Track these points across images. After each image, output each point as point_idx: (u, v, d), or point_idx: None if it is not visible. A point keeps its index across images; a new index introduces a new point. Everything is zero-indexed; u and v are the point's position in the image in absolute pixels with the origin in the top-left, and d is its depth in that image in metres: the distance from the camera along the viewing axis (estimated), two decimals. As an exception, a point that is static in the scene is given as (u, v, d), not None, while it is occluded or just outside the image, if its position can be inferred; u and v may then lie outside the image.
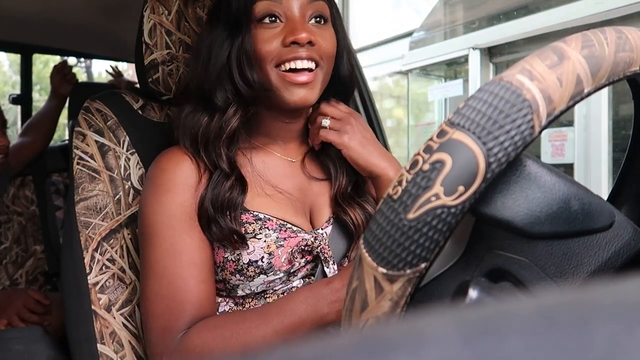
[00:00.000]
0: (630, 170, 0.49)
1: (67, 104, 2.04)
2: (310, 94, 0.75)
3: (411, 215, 0.30)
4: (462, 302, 0.33)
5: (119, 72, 2.46)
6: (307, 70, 0.74)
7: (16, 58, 2.43)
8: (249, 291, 0.76)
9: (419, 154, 0.31)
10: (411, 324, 0.14)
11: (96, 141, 0.87)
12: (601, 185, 2.91)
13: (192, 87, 0.80)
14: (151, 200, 0.75)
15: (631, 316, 0.13)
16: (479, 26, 3.94)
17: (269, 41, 0.74)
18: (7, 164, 1.58)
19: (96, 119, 0.88)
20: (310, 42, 0.73)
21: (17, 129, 2.36)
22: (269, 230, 0.75)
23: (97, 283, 0.82)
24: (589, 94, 0.32)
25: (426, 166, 0.30)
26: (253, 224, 0.75)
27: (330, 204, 0.83)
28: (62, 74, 1.94)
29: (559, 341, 0.13)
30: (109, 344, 0.81)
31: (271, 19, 0.75)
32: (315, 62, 0.75)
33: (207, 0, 0.92)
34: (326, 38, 0.76)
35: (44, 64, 6.86)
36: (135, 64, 0.92)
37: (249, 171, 0.79)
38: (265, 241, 0.74)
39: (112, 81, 2.45)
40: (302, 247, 0.77)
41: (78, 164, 0.86)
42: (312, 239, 0.77)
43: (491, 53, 3.75)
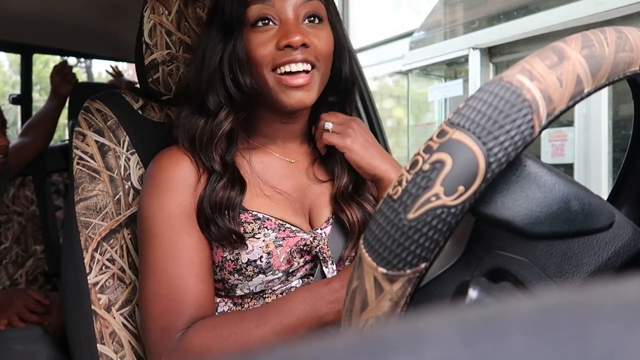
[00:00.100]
0: (630, 170, 0.49)
1: (67, 104, 2.04)
2: (307, 96, 0.74)
3: (411, 215, 0.30)
4: (462, 302, 0.33)
5: (119, 72, 2.46)
6: (304, 72, 0.73)
7: (16, 58, 2.43)
8: (247, 291, 0.76)
9: (419, 154, 0.31)
10: (411, 324, 0.14)
11: (96, 141, 0.87)
12: (601, 185, 2.91)
13: (191, 89, 0.80)
14: (150, 199, 0.75)
15: (631, 316, 0.13)
16: (479, 26, 3.94)
17: (263, 45, 0.74)
18: (7, 164, 1.58)
19: (96, 119, 0.88)
20: (305, 44, 0.72)
21: (17, 129, 2.36)
22: (267, 229, 0.75)
23: (97, 283, 0.82)
24: (589, 94, 0.32)
25: (426, 166, 0.30)
26: (252, 223, 0.75)
27: (329, 204, 0.83)
28: (62, 74, 1.94)
29: (559, 341, 0.13)
30: (108, 344, 0.81)
31: (264, 22, 0.74)
32: (311, 64, 0.74)
33: (207, 0, 0.92)
34: (322, 38, 0.76)
35: (44, 64, 6.86)
36: (135, 64, 0.92)
37: (247, 171, 0.79)
38: (264, 241, 0.74)
39: (112, 81, 2.45)
40: (301, 247, 0.77)
41: (78, 164, 0.86)
42: (311, 239, 0.77)
43: (491, 53, 3.75)
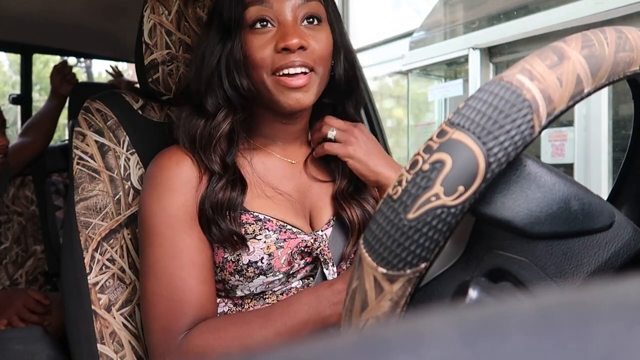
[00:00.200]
0: (630, 170, 0.48)
1: (67, 104, 2.04)
2: (306, 97, 0.74)
3: (411, 215, 0.30)
4: (462, 302, 0.33)
5: (119, 72, 2.46)
6: (302, 73, 0.73)
7: (16, 58, 2.43)
8: (248, 292, 0.76)
9: (419, 154, 0.31)
10: (411, 324, 0.14)
11: (96, 141, 0.87)
12: (601, 185, 2.90)
13: (191, 89, 0.80)
14: (151, 199, 0.75)
15: (631, 316, 0.13)
16: (479, 26, 3.94)
17: (261, 48, 0.73)
18: (7, 164, 1.58)
19: (96, 119, 0.88)
20: (302, 47, 0.72)
21: (17, 129, 2.36)
22: (269, 231, 0.75)
23: (97, 283, 0.82)
24: (589, 94, 0.32)
25: (426, 166, 0.30)
26: (253, 224, 0.75)
27: (330, 205, 0.83)
28: (62, 74, 1.94)
29: (559, 341, 0.13)
30: (109, 344, 0.81)
31: (262, 23, 0.74)
32: (309, 68, 0.73)
33: (207, 0, 0.92)
34: (320, 40, 0.75)
35: (44, 64, 6.86)
36: (135, 64, 0.92)
37: (248, 172, 0.79)
38: (265, 242, 0.74)
39: (112, 81, 2.45)
40: (302, 249, 0.76)
41: (78, 164, 0.86)
42: (311, 241, 0.77)
43: (491, 53, 3.75)
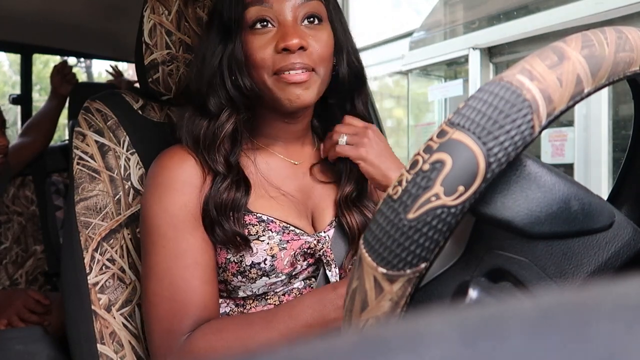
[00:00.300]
0: (630, 170, 0.48)
1: (67, 104, 2.04)
2: (306, 93, 0.73)
3: (411, 215, 0.30)
4: (462, 302, 0.33)
5: (119, 71, 2.45)
6: (304, 70, 0.72)
7: (16, 58, 2.43)
8: (250, 293, 0.76)
9: (419, 154, 0.31)
10: (411, 324, 0.14)
11: (96, 141, 0.87)
12: (601, 185, 2.90)
13: (192, 90, 0.80)
14: (153, 199, 0.74)
15: (631, 316, 0.13)
16: (479, 26, 3.94)
17: (262, 48, 0.73)
18: (7, 164, 1.58)
19: (96, 119, 0.88)
20: (302, 47, 0.71)
21: (17, 129, 2.36)
22: (272, 232, 0.74)
23: (97, 283, 0.82)
24: (589, 94, 0.32)
25: (426, 166, 0.30)
26: (256, 225, 0.75)
27: (333, 207, 0.83)
28: (62, 74, 1.94)
29: (559, 341, 0.13)
30: (109, 344, 0.81)
31: (263, 24, 0.73)
32: (310, 69, 0.73)
33: (207, 0, 0.92)
34: (321, 39, 0.74)
35: (44, 64, 6.86)
36: (135, 64, 0.92)
37: (252, 172, 0.79)
38: (268, 243, 0.74)
39: (112, 81, 2.44)
40: (305, 250, 0.76)
41: (78, 164, 0.86)
42: (314, 242, 0.77)
43: (491, 53, 3.75)
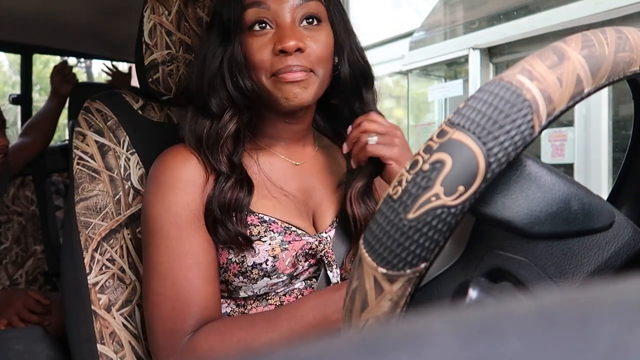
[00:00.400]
0: (630, 170, 0.49)
1: (67, 104, 2.04)
2: (304, 92, 0.73)
3: (411, 215, 0.30)
4: (462, 302, 0.33)
5: (115, 67, 2.37)
6: (302, 71, 0.72)
7: (16, 58, 2.42)
8: (251, 293, 0.76)
9: (419, 154, 0.31)
10: (411, 324, 0.14)
11: (96, 141, 0.87)
12: (601, 185, 2.91)
13: (193, 91, 0.79)
14: (155, 199, 0.74)
15: (631, 316, 0.13)
16: (479, 26, 3.94)
17: (260, 50, 0.72)
18: (7, 164, 1.58)
19: (96, 119, 0.88)
20: (300, 49, 0.71)
21: (17, 129, 2.36)
22: (274, 233, 0.74)
23: (97, 283, 0.82)
24: (589, 94, 0.32)
25: (426, 166, 0.30)
26: (258, 226, 0.74)
27: (334, 207, 0.82)
28: (62, 74, 1.93)
29: (559, 341, 0.13)
30: (108, 344, 0.81)
31: (261, 25, 0.73)
32: (308, 70, 0.73)
33: (207, 0, 0.92)
34: (319, 40, 0.74)
35: (44, 64, 6.86)
36: (135, 64, 0.92)
37: (255, 172, 0.79)
38: (270, 244, 0.74)
39: (110, 81, 2.37)
40: (306, 251, 0.76)
41: (78, 164, 0.86)
42: (316, 243, 0.77)
43: (491, 53, 3.75)
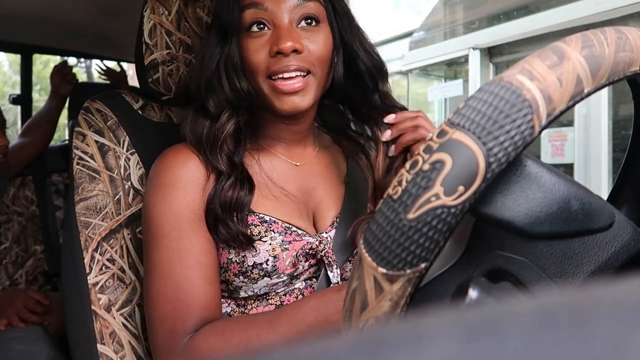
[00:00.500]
0: (630, 170, 0.49)
1: (67, 104, 2.04)
2: (302, 100, 0.72)
3: (411, 215, 0.30)
4: (462, 302, 0.33)
5: (108, 67, 2.31)
6: (298, 76, 0.71)
7: (16, 58, 2.42)
8: (251, 293, 0.76)
9: (419, 154, 0.31)
10: (411, 324, 0.14)
11: (96, 141, 0.87)
12: (601, 185, 2.91)
13: (193, 91, 0.79)
14: (156, 198, 0.74)
15: (631, 316, 0.13)
16: (479, 26, 3.94)
17: (257, 52, 0.72)
18: (7, 164, 1.58)
19: (96, 119, 0.88)
20: (297, 50, 0.70)
21: (17, 129, 2.36)
22: (274, 233, 0.74)
23: (97, 283, 0.82)
24: (589, 94, 0.32)
25: (426, 166, 0.30)
26: (259, 226, 0.74)
27: (334, 207, 0.82)
28: (62, 74, 1.93)
29: (559, 341, 0.13)
30: (108, 344, 0.81)
31: (259, 26, 0.72)
32: (305, 71, 0.72)
33: (207, 0, 0.92)
34: (317, 41, 0.73)
35: (44, 64, 6.86)
36: (135, 64, 0.92)
37: (256, 172, 0.78)
38: (270, 244, 0.74)
39: (108, 79, 2.32)
40: (307, 251, 0.76)
41: (78, 164, 0.86)
42: (316, 243, 0.77)
43: (491, 53, 3.75)
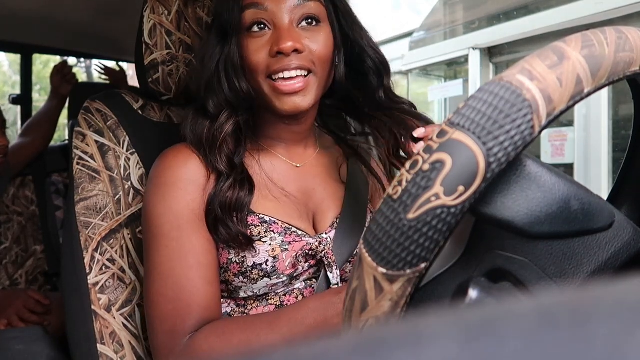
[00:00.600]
0: (630, 170, 0.49)
1: (67, 104, 2.04)
2: (303, 100, 0.72)
3: (411, 215, 0.30)
4: (462, 302, 0.33)
5: (107, 67, 2.31)
6: (299, 76, 0.71)
7: (16, 58, 2.42)
8: (251, 293, 0.76)
9: (419, 154, 0.31)
10: (411, 324, 0.14)
11: (96, 141, 0.87)
12: (601, 185, 2.91)
13: (193, 91, 0.79)
14: (156, 198, 0.74)
15: (631, 316, 0.13)
16: (479, 26, 3.94)
17: (257, 52, 0.72)
18: (7, 164, 1.58)
19: (96, 119, 0.88)
20: (297, 50, 0.70)
21: (17, 129, 2.36)
22: (274, 233, 0.74)
23: (97, 283, 0.82)
24: (589, 94, 0.32)
25: (426, 166, 0.30)
26: (259, 226, 0.74)
27: (334, 208, 0.82)
28: (62, 74, 1.93)
29: (559, 341, 0.13)
30: (109, 344, 0.81)
31: (260, 26, 0.73)
32: (306, 70, 0.72)
33: (207, 0, 0.92)
34: (318, 41, 0.73)
35: (44, 64, 6.86)
36: (135, 64, 0.92)
37: (257, 172, 0.78)
38: (270, 244, 0.74)
39: (108, 79, 2.33)
40: (307, 252, 0.76)
41: (78, 164, 0.86)
42: (316, 244, 0.76)
43: (491, 53, 3.75)
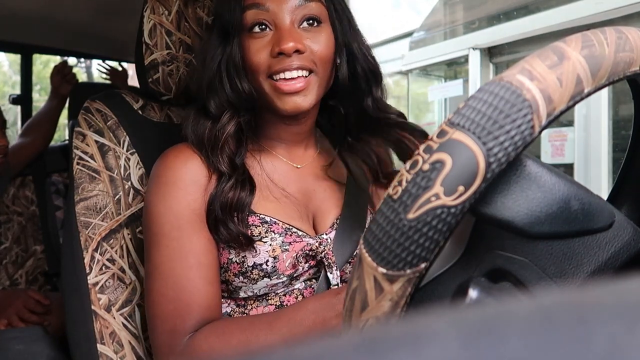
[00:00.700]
0: (630, 170, 0.49)
1: (67, 104, 2.04)
2: (304, 100, 0.73)
3: (411, 215, 0.30)
4: (462, 302, 0.33)
5: (111, 67, 2.33)
6: (300, 76, 0.72)
7: (16, 58, 2.42)
8: (251, 293, 0.76)
9: (419, 154, 0.31)
10: (411, 324, 0.14)
11: (96, 141, 0.87)
12: (601, 185, 2.91)
13: (193, 91, 0.79)
14: (157, 198, 0.74)
15: (631, 316, 0.13)
16: (479, 26, 3.94)
17: (258, 52, 0.72)
18: (7, 164, 1.58)
19: (96, 119, 0.88)
20: (298, 51, 0.71)
21: (17, 129, 2.36)
22: (274, 234, 0.74)
23: (97, 283, 0.82)
24: (589, 94, 0.32)
25: (426, 166, 0.30)
26: (259, 227, 0.74)
27: (335, 209, 0.82)
28: (62, 74, 1.93)
29: (559, 341, 0.13)
30: (108, 344, 0.81)
31: (261, 27, 0.73)
32: (307, 70, 0.72)
33: (207, 0, 0.92)
34: (319, 42, 0.74)
35: (44, 64, 6.86)
36: (135, 64, 0.92)
37: (257, 173, 0.79)
38: (270, 245, 0.74)
39: (109, 79, 2.34)
40: (307, 252, 0.76)
41: (78, 164, 0.86)
42: (316, 244, 0.77)
43: (491, 53, 3.75)
